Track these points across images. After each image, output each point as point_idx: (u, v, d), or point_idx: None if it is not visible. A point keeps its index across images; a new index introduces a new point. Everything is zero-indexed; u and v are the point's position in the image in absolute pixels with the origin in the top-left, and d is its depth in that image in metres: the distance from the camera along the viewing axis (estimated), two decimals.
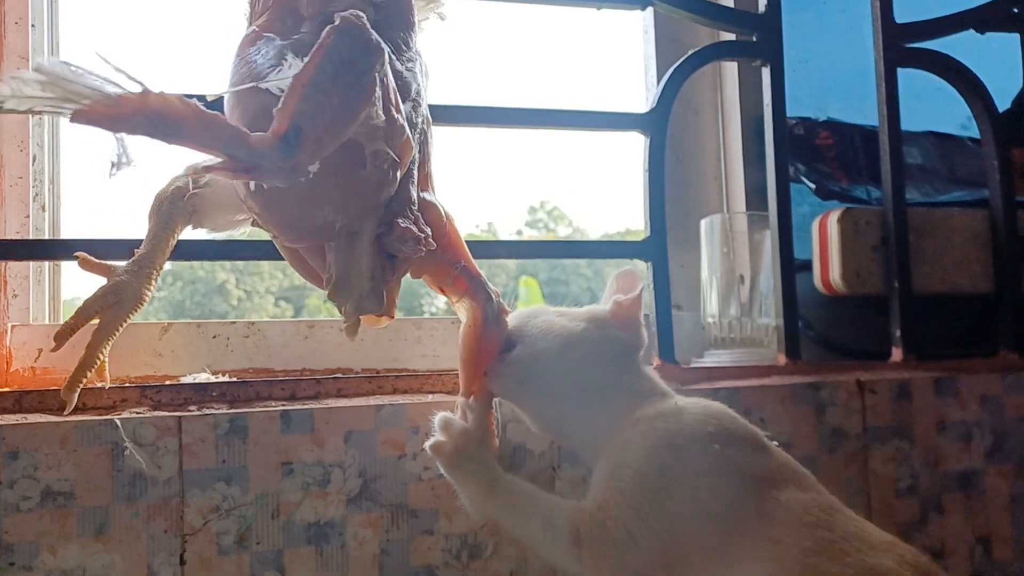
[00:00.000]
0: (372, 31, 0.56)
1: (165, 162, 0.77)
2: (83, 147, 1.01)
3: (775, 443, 0.71)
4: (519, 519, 0.68)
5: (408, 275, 0.69)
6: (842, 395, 0.93)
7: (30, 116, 0.93)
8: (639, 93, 1.18)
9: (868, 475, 0.93)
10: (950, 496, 0.96)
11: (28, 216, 0.92)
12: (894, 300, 1.01)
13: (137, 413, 0.78)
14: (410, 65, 0.69)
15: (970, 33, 1.08)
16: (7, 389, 0.81)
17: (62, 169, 0.99)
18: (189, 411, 0.79)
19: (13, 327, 0.90)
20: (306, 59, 0.53)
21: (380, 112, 0.56)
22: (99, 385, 0.79)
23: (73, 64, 0.47)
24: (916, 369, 0.99)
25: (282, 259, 0.71)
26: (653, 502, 0.64)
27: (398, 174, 0.61)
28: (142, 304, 0.74)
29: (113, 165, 0.50)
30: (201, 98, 0.60)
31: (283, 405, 0.81)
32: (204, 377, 0.86)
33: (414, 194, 0.66)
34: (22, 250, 0.85)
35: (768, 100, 0.99)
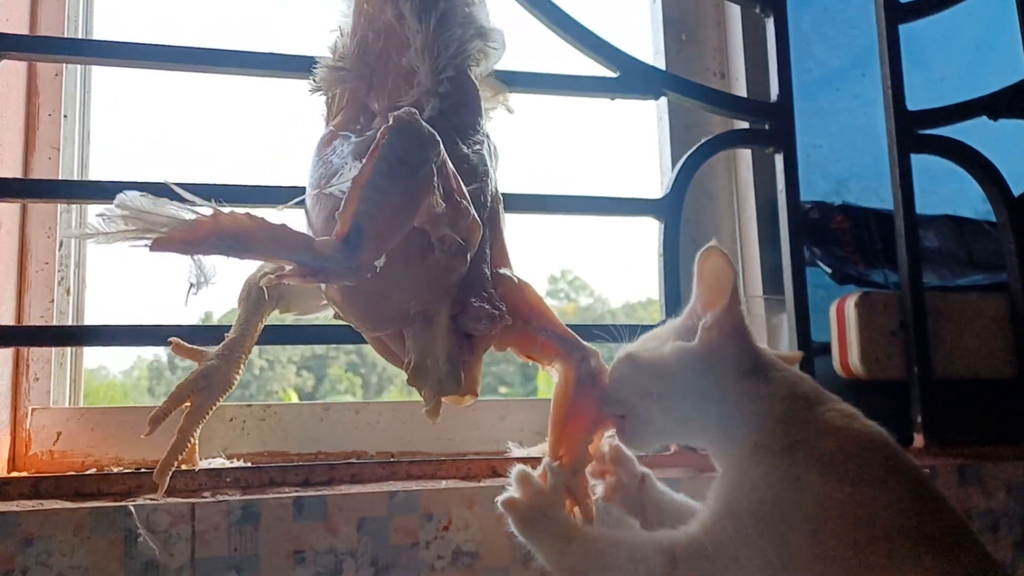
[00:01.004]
0: (425, 125, 0.58)
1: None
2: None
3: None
4: (604, 560, 0.64)
5: (493, 349, 0.69)
6: None
7: (57, 207, 0.96)
8: (654, 176, 1.20)
9: None
10: None
11: (53, 300, 0.94)
12: (914, 385, 1.00)
13: (152, 499, 0.78)
14: (477, 148, 0.71)
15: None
16: (24, 475, 0.82)
17: (88, 253, 1.01)
18: (203, 497, 0.79)
19: (33, 410, 0.91)
20: (364, 160, 0.56)
21: (440, 200, 0.58)
22: (190, 468, 0.80)
23: (150, 196, 0.50)
24: (939, 456, 0.97)
25: (364, 341, 0.72)
26: (767, 533, 0.59)
27: (468, 256, 0.63)
28: (231, 387, 0.76)
29: (192, 286, 0.54)
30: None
31: (296, 491, 0.81)
32: (219, 462, 0.86)
33: (487, 272, 0.67)
34: (47, 337, 0.86)
35: (782, 186, 1.00)
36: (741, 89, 1.18)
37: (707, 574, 0.61)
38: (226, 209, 0.52)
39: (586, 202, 0.96)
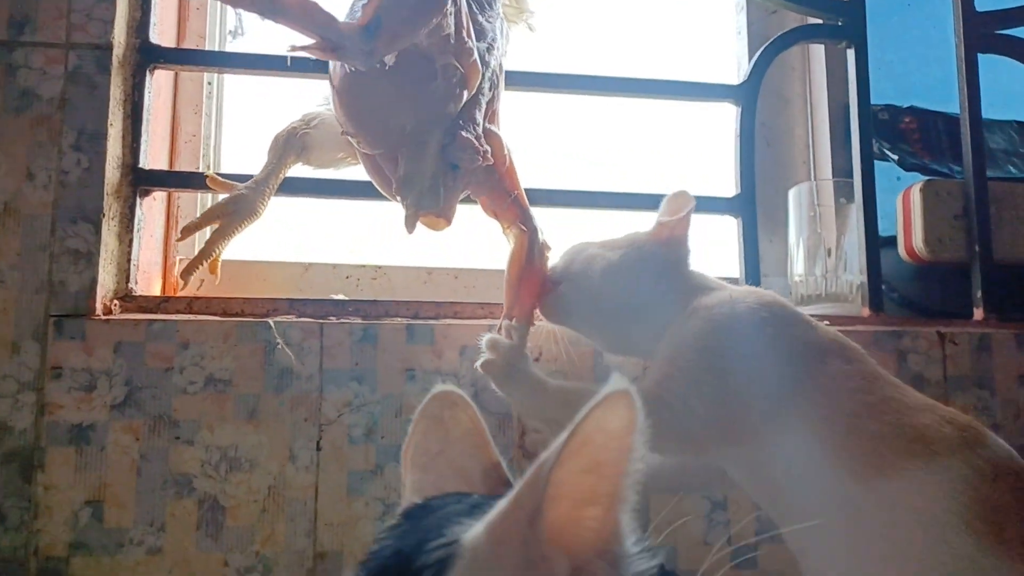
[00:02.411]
0: None
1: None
2: (242, 119, 1.17)
3: (825, 322, 0.76)
4: (574, 410, 0.75)
5: (470, 194, 0.79)
6: (923, 344, 0.98)
7: (204, 85, 1.10)
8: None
9: None
10: None
11: (197, 167, 1.08)
12: (975, 264, 1.06)
13: (287, 318, 0.90)
14: (490, 20, 0.80)
15: None
16: (180, 296, 0.95)
17: (224, 137, 1.15)
18: (329, 320, 0.91)
19: (180, 260, 1.05)
20: None
21: (449, 26, 0.67)
22: (212, 277, 0.91)
23: None
24: (997, 327, 1.04)
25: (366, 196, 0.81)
26: (710, 374, 0.70)
27: (465, 92, 0.71)
28: (256, 215, 0.87)
29: (231, 33, 0.63)
30: None
31: (408, 321, 0.92)
32: (341, 296, 0.98)
33: (479, 118, 0.76)
34: (194, 181, 0.99)
35: (853, 77, 1.08)
36: None
37: (662, 419, 0.69)
38: None
39: (666, 85, 1.05)
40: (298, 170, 0.90)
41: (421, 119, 0.71)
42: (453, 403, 0.46)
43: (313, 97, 0.91)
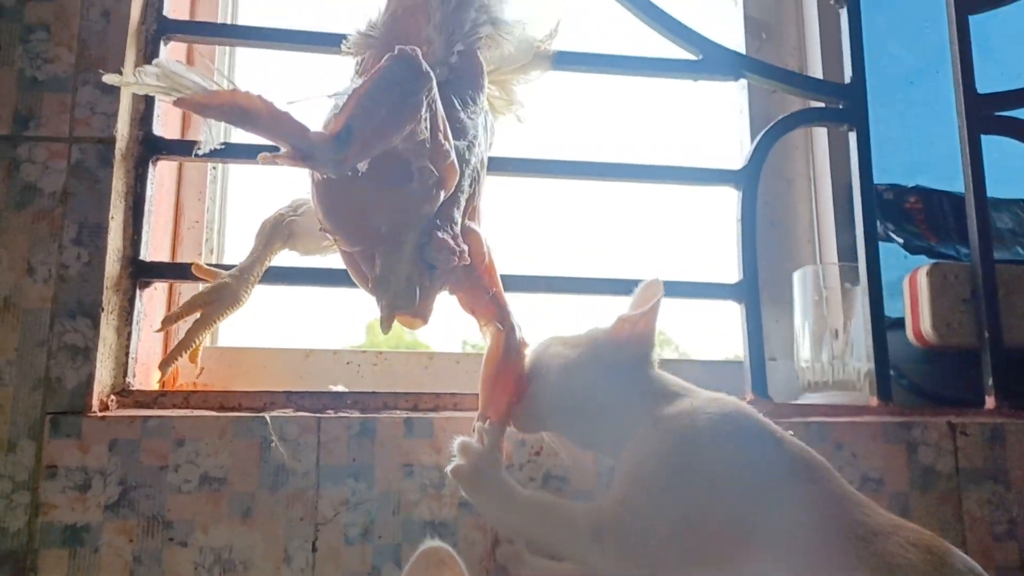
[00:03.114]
0: (424, 63, 0.67)
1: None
2: (246, 203, 1.18)
3: (790, 433, 0.74)
4: (540, 526, 0.74)
5: (448, 292, 0.78)
6: (933, 435, 0.96)
7: (208, 170, 1.10)
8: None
9: (963, 516, 0.95)
10: None
11: (200, 255, 1.08)
12: (985, 351, 1.04)
13: (284, 413, 0.89)
14: (472, 116, 0.81)
15: None
16: (177, 390, 0.95)
17: (228, 221, 1.15)
18: (327, 414, 0.90)
19: None
20: (366, 77, 0.65)
21: (425, 131, 0.67)
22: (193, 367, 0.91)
23: (183, 64, 0.61)
24: (1009, 416, 1.01)
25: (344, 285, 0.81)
26: (670, 496, 0.68)
27: (442, 193, 0.71)
28: (239, 304, 0.87)
29: (200, 143, 0.65)
30: None
31: (407, 413, 0.91)
32: (340, 388, 0.98)
33: (457, 217, 0.76)
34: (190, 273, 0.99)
35: (855, 161, 1.07)
36: (817, 71, 1.26)
37: (625, 541, 0.69)
38: (244, 88, 0.61)
39: (667, 171, 1.05)
40: (286, 256, 0.90)
41: (396, 220, 0.71)
42: (440, 561, 0.45)
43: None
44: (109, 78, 0.62)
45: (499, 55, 0.90)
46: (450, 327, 1.11)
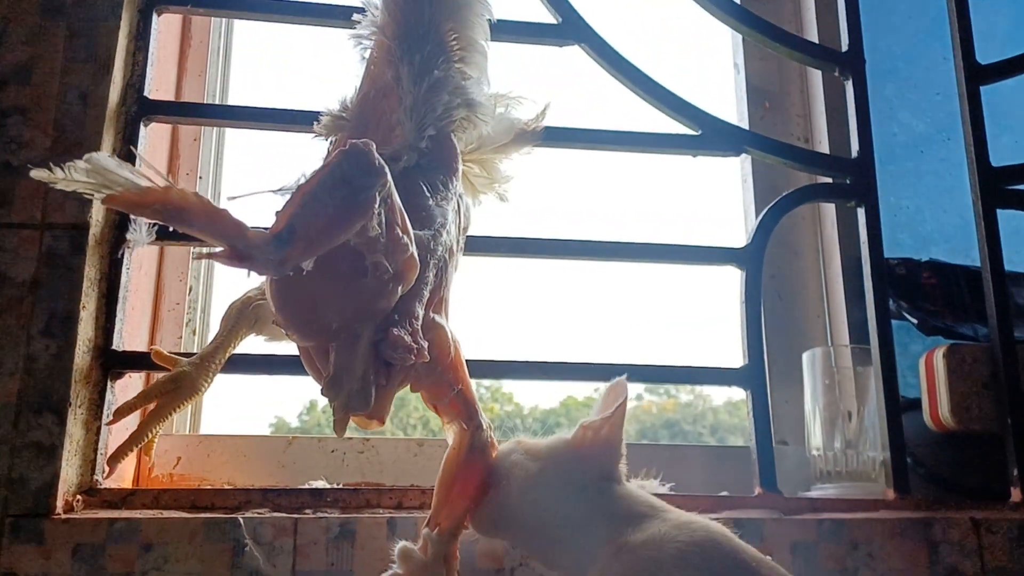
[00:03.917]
0: (377, 157, 0.62)
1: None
2: (231, 282, 1.14)
3: (770, 558, 0.67)
4: None
5: (409, 389, 0.72)
6: (956, 533, 0.90)
7: (190, 254, 1.07)
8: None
9: None
10: None
11: (180, 338, 1.04)
12: (1008, 439, 0.98)
13: (258, 513, 0.84)
14: (442, 203, 0.77)
15: None
16: (148, 488, 0.90)
17: (213, 300, 1.11)
18: (305, 514, 0.84)
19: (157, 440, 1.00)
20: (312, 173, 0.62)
21: (377, 226, 0.62)
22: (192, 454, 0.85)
23: (116, 159, 0.56)
24: None
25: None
26: None
27: (399, 288, 0.66)
28: (197, 394, 0.82)
29: (129, 241, 0.59)
30: None
31: (391, 513, 0.86)
32: (320, 484, 0.92)
33: (418, 311, 0.70)
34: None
35: (864, 238, 1.03)
36: (824, 146, 1.22)
37: None
38: (180, 185, 0.57)
39: (672, 250, 1.00)
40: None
41: (349, 316, 0.66)
42: None
43: None
44: (36, 173, 0.58)
45: (477, 135, 0.87)
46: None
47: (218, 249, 0.57)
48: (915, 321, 1.08)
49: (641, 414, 1.39)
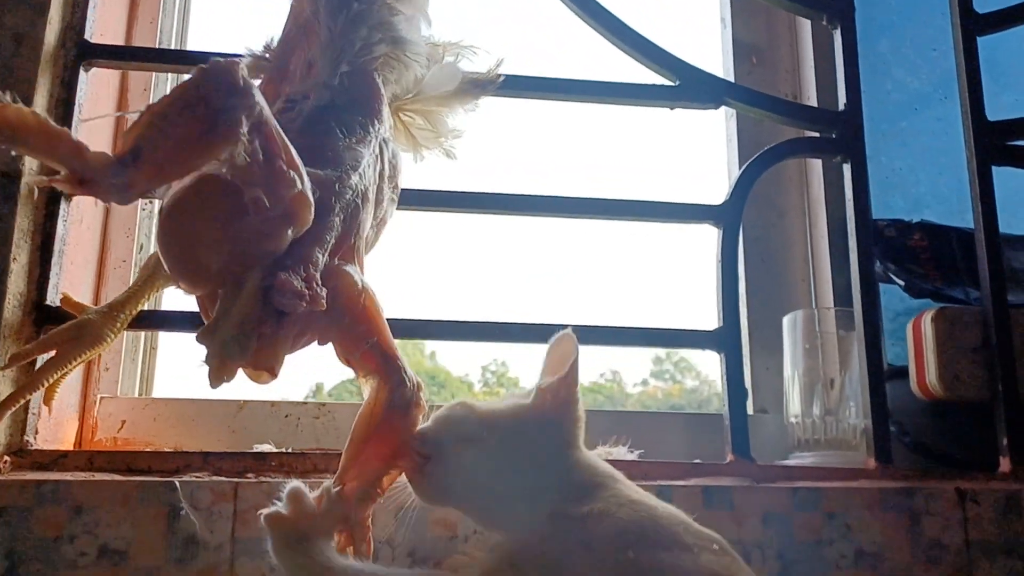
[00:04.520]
0: (244, 77, 0.57)
1: None
2: None
3: (715, 548, 0.61)
4: None
5: (317, 343, 0.67)
6: (940, 504, 0.85)
7: (139, 206, 1.02)
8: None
9: None
10: None
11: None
12: (999, 406, 0.93)
13: (197, 477, 0.79)
14: (357, 146, 0.71)
15: None
16: (81, 449, 0.85)
17: None
18: (247, 478, 0.80)
19: (101, 398, 0.95)
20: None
21: (246, 156, 0.57)
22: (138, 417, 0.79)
23: None
24: None
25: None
26: None
27: (289, 230, 0.60)
28: (101, 344, 0.76)
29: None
30: None
31: None
32: (266, 447, 0.88)
33: (319, 257, 0.64)
34: None
35: (850, 196, 0.97)
36: (812, 99, 1.16)
37: None
38: (16, 104, 0.53)
39: (644, 207, 0.95)
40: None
41: (231, 259, 0.59)
42: None
43: None
44: None
45: (412, 79, 0.81)
46: None
47: (59, 174, 0.54)
48: (902, 283, 1.03)
49: (647, 399, 1.34)
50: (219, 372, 0.58)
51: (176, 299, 0.95)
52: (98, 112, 0.98)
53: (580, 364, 0.67)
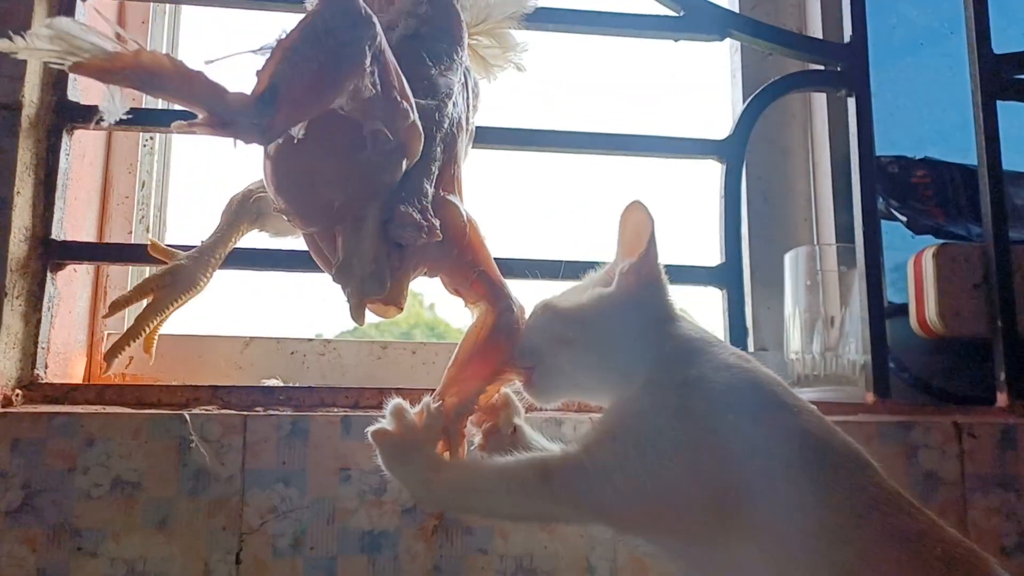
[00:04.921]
0: (363, 6, 0.57)
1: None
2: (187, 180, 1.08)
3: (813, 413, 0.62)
4: (473, 483, 0.64)
5: (426, 275, 0.68)
6: (937, 437, 0.86)
7: (140, 142, 1.01)
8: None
9: (968, 527, 0.85)
10: None
11: (131, 232, 0.99)
12: (998, 342, 0.94)
13: (206, 410, 0.80)
14: (447, 73, 0.71)
15: None
16: (92, 383, 0.86)
17: (170, 196, 1.06)
18: (255, 412, 0.81)
19: (109, 335, 0.96)
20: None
21: (371, 87, 0.57)
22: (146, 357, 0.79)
23: (80, 23, 0.51)
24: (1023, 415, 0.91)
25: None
26: (642, 456, 0.59)
27: (403, 161, 0.61)
28: (196, 288, 0.77)
29: (102, 112, 0.54)
30: None
31: (346, 412, 0.82)
32: (274, 382, 0.89)
33: (428, 188, 0.65)
34: (116, 253, 0.90)
35: (854, 130, 0.97)
36: (816, 15, 1.15)
37: (579, 488, 0.60)
38: (152, 50, 0.52)
39: (648, 141, 0.95)
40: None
41: (352, 194, 0.61)
42: None
43: None
44: None
45: (484, 4, 0.80)
46: None
47: (198, 117, 0.53)
48: (904, 219, 1.03)
49: None
50: (361, 308, 0.60)
51: None
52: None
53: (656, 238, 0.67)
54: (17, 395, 0.80)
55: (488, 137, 0.93)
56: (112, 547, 0.76)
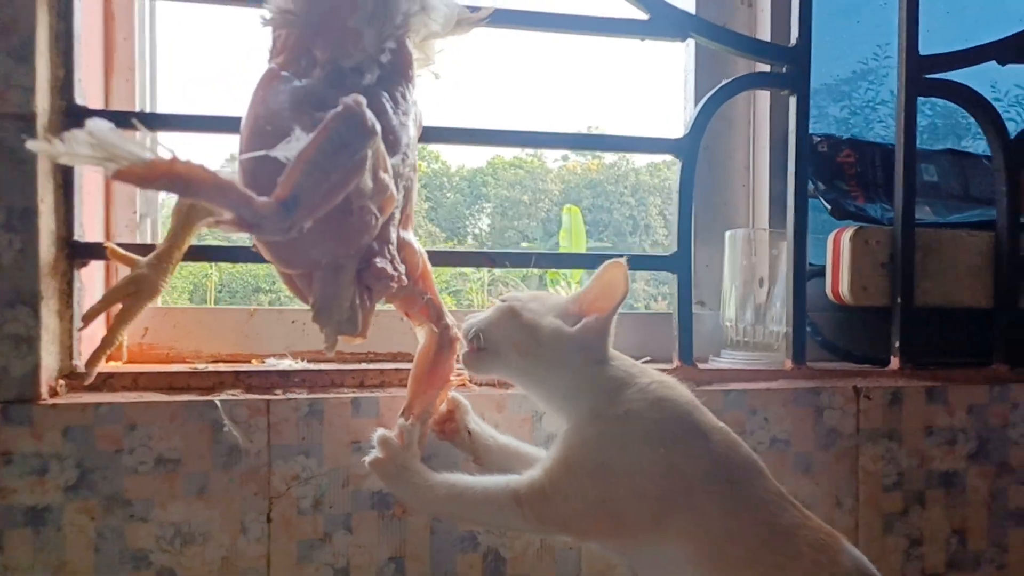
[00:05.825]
0: (369, 115, 0.65)
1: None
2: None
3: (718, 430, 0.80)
4: (462, 500, 0.81)
5: (384, 301, 0.81)
6: (839, 399, 1.05)
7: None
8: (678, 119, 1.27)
9: (858, 471, 1.06)
10: (932, 492, 1.08)
11: (133, 226, 1.06)
12: (896, 313, 1.12)
13: (232, 395, 0.92)
14: (404, 118, 0.79)
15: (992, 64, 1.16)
16: (126, 370, 0.96)
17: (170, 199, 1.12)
18: (276, 395, 0.93)
19: None
20: (311, 136, 0.63)
21: (369, 181, 0.67)
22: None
23: (117, 130, 0.56)
24: (911, 378, 1.11)
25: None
26: (592, 483, 0.77)
27: (380, 222, 0.72)
28: (157, 294, 0.86)
29: (140, 214, 0.62)
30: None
31: (354, 392, 0.95)
32: (287, 364, 1.00)
33: (394, 235, 0.77)
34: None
35: (793, 127, 1.09)
36: (766, 18, 1.24)
37: (544, 510, 0.78)
38: (183, 157, 0.57)
39: (611, 140, 1.05)
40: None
41: (336, 253, 0.71)
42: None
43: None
44: (34, 145, 0.58)
45: (425, 32, 0.86)
46: None
47: (226, 217, 0.60)
48: (829, 207, 1.18)
49: (566, 174, 1.47)
50: (335, 344, 0.73)
51: None
52: (89, 31, 0.99)
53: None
54: (61, 385, 0.91)
55: (461, 137, 1.02)
56: (160, 513, 0.89)
